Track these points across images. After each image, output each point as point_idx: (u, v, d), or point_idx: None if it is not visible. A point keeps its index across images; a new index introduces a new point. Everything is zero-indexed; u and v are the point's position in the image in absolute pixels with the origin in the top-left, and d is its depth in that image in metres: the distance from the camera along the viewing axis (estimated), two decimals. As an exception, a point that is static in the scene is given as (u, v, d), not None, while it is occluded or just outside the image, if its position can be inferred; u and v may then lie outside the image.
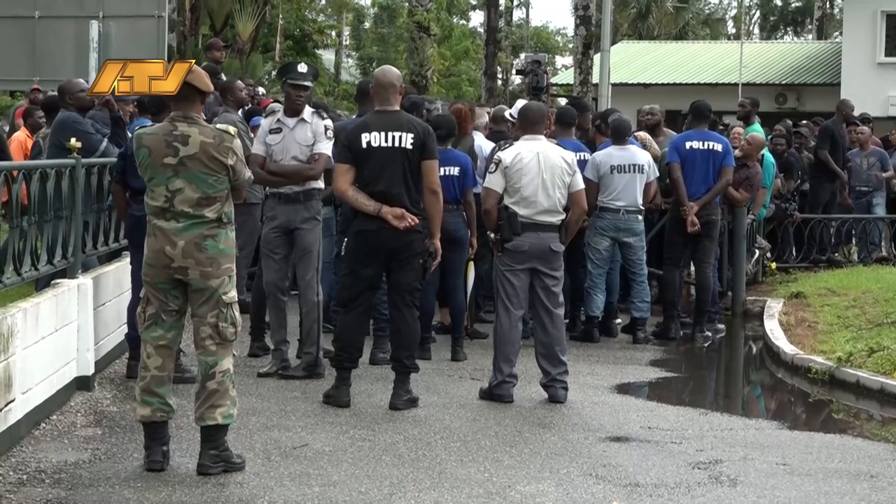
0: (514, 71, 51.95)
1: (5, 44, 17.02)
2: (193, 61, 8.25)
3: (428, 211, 9.64)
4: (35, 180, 9.01)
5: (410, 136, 9.54)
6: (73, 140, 9.94)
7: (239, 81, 14.01)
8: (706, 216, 13.71)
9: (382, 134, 9.54)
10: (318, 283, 10.79)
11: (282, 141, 10.72)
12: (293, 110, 10.80)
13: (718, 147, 13.81)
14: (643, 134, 14.86)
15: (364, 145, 9.53)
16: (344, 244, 10.17)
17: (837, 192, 18.77)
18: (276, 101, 14.03)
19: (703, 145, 13.76)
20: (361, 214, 9.58)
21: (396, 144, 9.52)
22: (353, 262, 9.72)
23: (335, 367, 9.90)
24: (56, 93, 12.61)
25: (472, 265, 12.51)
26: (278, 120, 10.81)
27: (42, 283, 10.05)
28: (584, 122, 14.75)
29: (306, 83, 10.82)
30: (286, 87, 10.87)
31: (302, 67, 10.93)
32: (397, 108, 9.75)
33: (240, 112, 13.46)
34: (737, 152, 15.46)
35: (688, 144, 13.82)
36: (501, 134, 13.58)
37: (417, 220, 9.51)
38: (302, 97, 10.79)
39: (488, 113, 14.61)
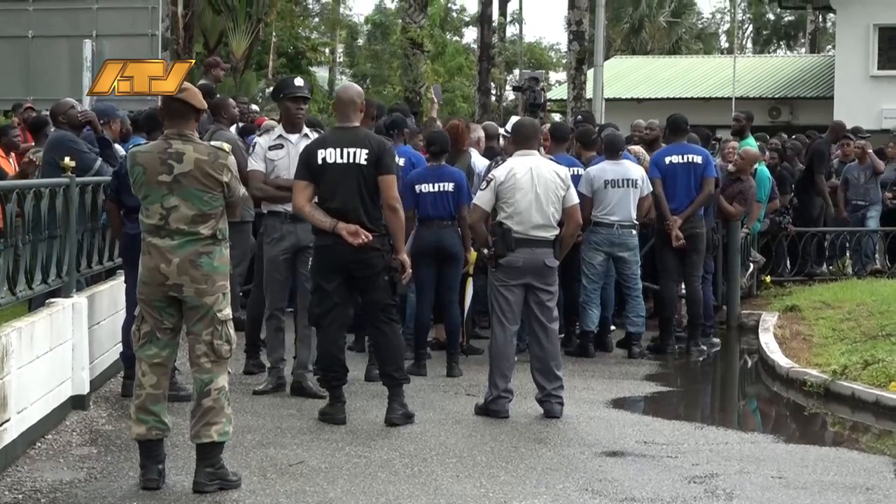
0: (508, 87, 52.08)
1: (-1, 63, 17.07)
2: (193, 62, 8.27)
3: (389, 226, 9.60)
4: (29, 199, 9.01)
5: (364, 151, 9.51)
6: (66, 159, 9.94)
7: (231, 99, 13.98)
8: (690, 229, 13.72)
9: (338, 150, 9.52)
10: None
11: (286, 157, 10.60)
12: (295, 125, 10.75)
13: (698, 159, 13.83)
14: (637, 148, 14.88)
15: (319, 161, 9.52)
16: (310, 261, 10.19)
17: (826, 207, 18.87)
18: (273, 119, 14.02)
19: (683, 159, 13.79)
20: (320, 231, 9.59)
21: (351, 160, 9.49)
22: (317, 278, 9.74)
23: (325, 388, 9.92)
24: (46, 113, 12.62)
25: (470, 281, 12.54)
26: (280, 136, 10.73)
27: (36, 303, 10.04)
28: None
29: (306, 95, 10.83)
30: (286, 103, 10.76)
31: (298, 81, 10.92)
32: (357, 124, 9.73)
33: (233, 129, 13.43)
34: (730, 167, 15.52)
35: (667, 159, 13.85)
36: (493, 150, 13.60)
37: (372, 237, 9.47)
38: (303, 110, 10.78)
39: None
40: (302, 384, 10.62)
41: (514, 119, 13.26)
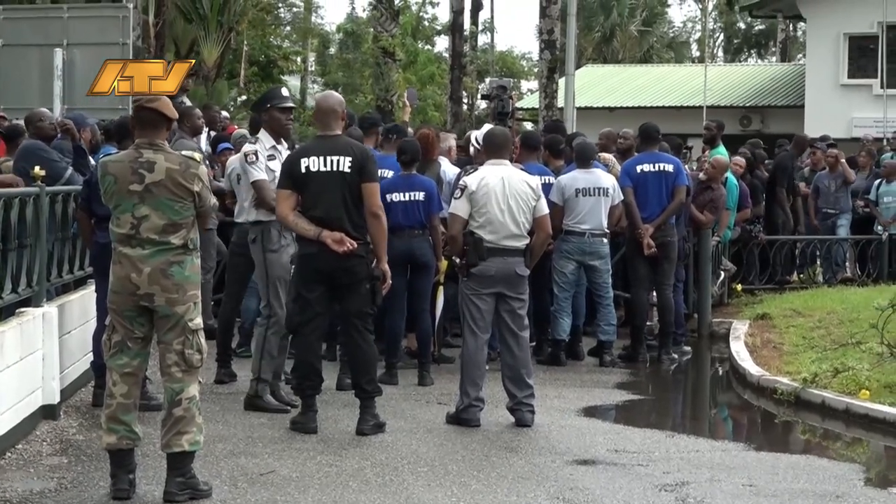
0: (479, 95, 52.14)
1: (-30, 73, 16.98)
2: (193, 62, 8.25)
3: (372, 234, 9.60)
4: (-1, 209, 8.99)
5: (348, 159, 9.51)
6: (36, 168, 9.91)
7: (196, 109, 13.89)
8: (662, 237, 13.76)
9: (321, 158, 9.52)
10: None
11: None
12: (282, 135, 10.71)
13: (670, 168, 13.87)
14: (607, 155, 14.92)
15: (303, 170, 9.51)
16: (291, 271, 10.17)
17: (787, 220, 18.93)
18: (244, 128, 13.95)
19: (655, 167, 13.83)
20: (304, 239, 9.59)
21: (334, 168, 9.50)
22: (299, 286, 9.73)
23: (299, 396, 9.91)
24: (20, 121, 12.57)
25: (441, 290, 12.53)
26: (274, 147, 10.61)
27: (7, 312, 9.99)
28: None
29: (294, 105, 10.82)
30: (274, 113, 10.57)
31: (286, 92, 10.88)
32: (339, 132, 9.73)
33: (205, 137, 13.41)
34: (701, 175, 15.58)
35: (639, 168, 13.89)
36: (469, 159, 13.60)
37: (356, 245, 9.47)
38: (291, 120, 10.77)
39: (455, 138, 14.63)
40: (274, 392, 10.59)
41: (486, 127, 13.25)
